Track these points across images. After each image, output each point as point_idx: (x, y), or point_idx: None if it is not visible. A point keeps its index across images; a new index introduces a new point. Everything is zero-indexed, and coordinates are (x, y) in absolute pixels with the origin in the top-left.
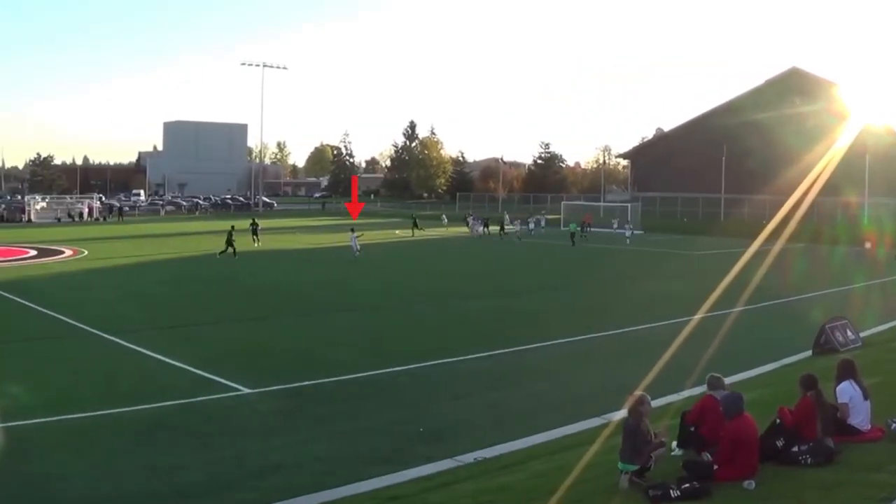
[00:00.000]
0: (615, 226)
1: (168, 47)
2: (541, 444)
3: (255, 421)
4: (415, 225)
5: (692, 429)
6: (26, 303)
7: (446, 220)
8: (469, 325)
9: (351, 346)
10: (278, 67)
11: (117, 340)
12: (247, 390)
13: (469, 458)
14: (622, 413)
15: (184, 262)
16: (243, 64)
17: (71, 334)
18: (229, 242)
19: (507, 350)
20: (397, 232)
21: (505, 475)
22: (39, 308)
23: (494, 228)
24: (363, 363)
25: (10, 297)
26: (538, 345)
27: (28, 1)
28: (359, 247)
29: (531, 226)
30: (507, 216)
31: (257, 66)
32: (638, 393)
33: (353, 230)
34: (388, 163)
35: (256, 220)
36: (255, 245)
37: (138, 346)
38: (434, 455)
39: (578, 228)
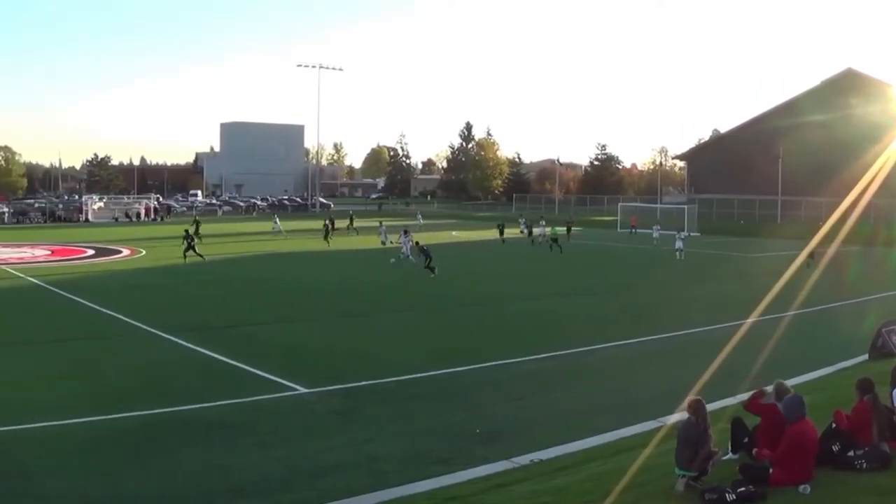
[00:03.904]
0: (656, 233)
1: (225, 49)
2: (597, 447)
3: (312, 421)
4: (501, 233)
5: (745, 440)
6: (84, 301)
7: (524, 222)
8: (526, 327)
9: (408, 347)
10: (334, 69)
11: (175, 339)
12: (304, 390)
13: (525, 459)
14: (678, 416)
15: (241, 262)
16: (299, 65)
17: (128, 333)
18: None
19: (563, 352)
20: (454, 233)
21: (561, 477)
22: (97, 307)
23: (538, 231)
24: (420, 364)
25: (68, 295)
26: (595, 347)
27: (87, 3)
28: (409, 251)
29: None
30: (543, 220)
31: (313, 67)
32: (696, 397)
33: (405, 232)
34: (445, 164)
35: (332, 220)
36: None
37: (196, 346)
38: (491, 456)
39: (565, 232)
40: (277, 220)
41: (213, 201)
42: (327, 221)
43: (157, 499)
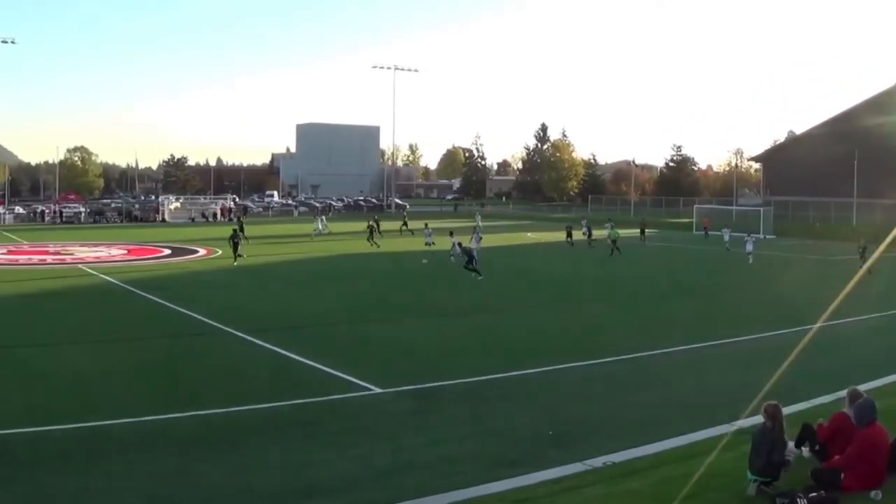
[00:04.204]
0: (726, 236)
1: (301, 51)
2: (669, 450)
3: (387, 420)
4: (569, 235)
5: (817, 447)
6: (160, 300)
7: (611, 226)
8: (599, 329)
9: (482, 348)
10: (409, 70)
11: (251, 339)
12: (378, 390)
13: (598, 461)
14: (751, 420)
15: (316, 262)
16: (375, 67)
17: (205, 332)
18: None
19: (637, 354)
20: (528, 234)
21: (632, 480)
22: (173, 306)
23: (601, 233)
24: (494, 365)
25: (145, 294)
26: (668, 349)
27: (164, 6)
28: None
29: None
30: (609, 223)
31: (388, 68)
32: (773, 402)
33: (451, 233)
34: (520, 165)
35: (377, 220)
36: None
37: (272, 345)
38: (563, 458)
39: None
40: (323, 219)
41: (289, 202)
42: (372, 222)
43: (232, 496)
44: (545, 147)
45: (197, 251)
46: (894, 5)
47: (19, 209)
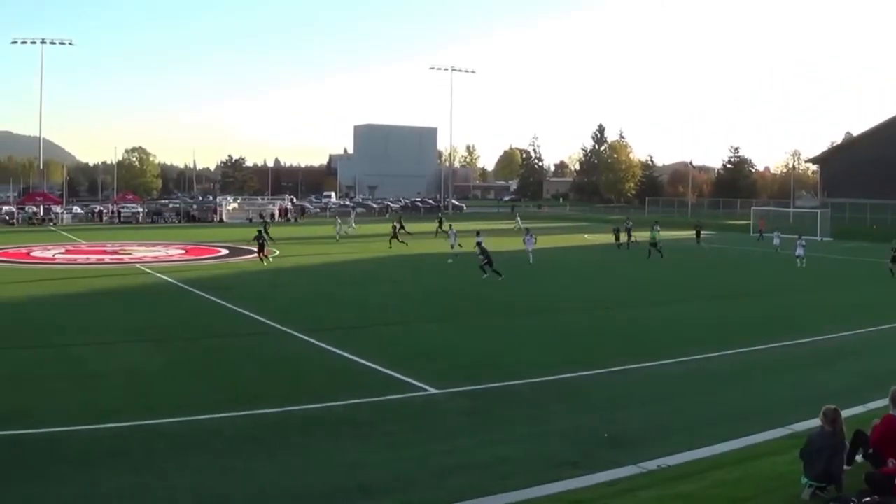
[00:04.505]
0: (776, 240)
1: (359, 53)
2: (724, 454)
3: (442, 421)
4: (617, 237)
5: (870, 451)
6: (217, 300)
7: (657, 228)
8: (657, 331)
9: (539, 349)
10: (467, 71)
11: (306, 338)
12: (434, 390)
13: (653, 464)
14: (805, 424)
15: (372, 263)
16: (432, 68)
17: (261, 331)
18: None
19: (694, 357)
20: (586, 236)
21: (687, 483)
22: (231, 305)
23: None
24: (551, 366)
25: (202, 294)
26: (725, 352)
27: (222, 10)
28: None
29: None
30: (657, 225)
31: (446, 70)
32: (832, 406)
33: (478, 233)
34: (577, 166)
35: (401, 221)
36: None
37: (327, 345)
38: (618, 460)
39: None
40: (340, 222)
41: (347, 203)
42: (396, 223)
43: (285, 495)
44: (602, 148)
45: (254, 251)
46: None
47: (77, 209)
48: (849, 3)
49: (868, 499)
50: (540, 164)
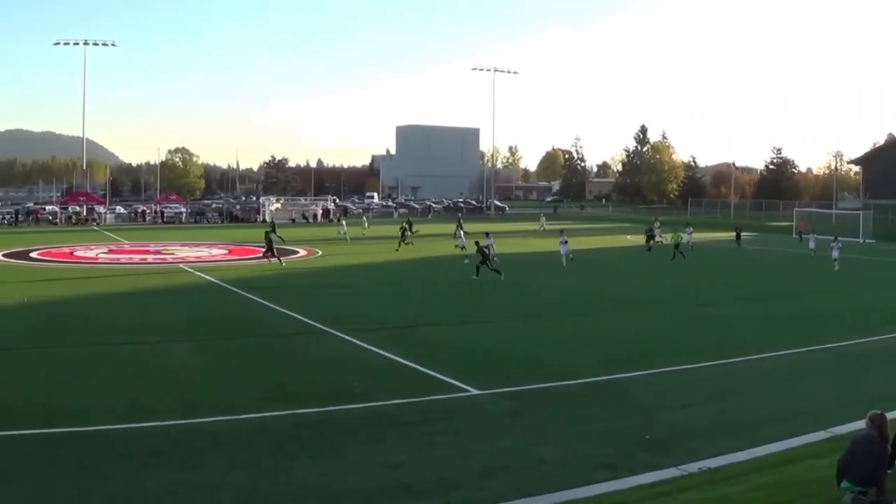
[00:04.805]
0: (812, 243)
1: (401, 54)
2: (765, 456)
3: (484, 422)
4: (648, 239)
5: None
6: (260, 300)
7: (690, 231)
8: (698, 333)
9: (580, 350)
10: (509, 72)
11: (348, 338)
12: (475, 391)
13: (693, 467)
14: (847, 427)
15: (414, 264)
16: (474, 69)
17: (304, 331)
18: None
19: (736, 359)
20: (628, 237)
21: (727, 486)
22: (273, 305)
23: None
24: (592, 367)
25: (245, 294)
26: (767, 354)
27: (267, 11)
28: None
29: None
30: (690, 227)
31: (488, 70)
32: (878, 411)
33: (487, 234)
34: (620, 167)
35: (410, 222)
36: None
37: (369, 345)
38: (658, 463)
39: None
40: (365, 222)
41: (389, 203)
42: (405, 224)
43: (327, 494)
44: (645, 149)
45: (297, 251)
46: None
47: (120, 209)
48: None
49: None
50: (582, 164)
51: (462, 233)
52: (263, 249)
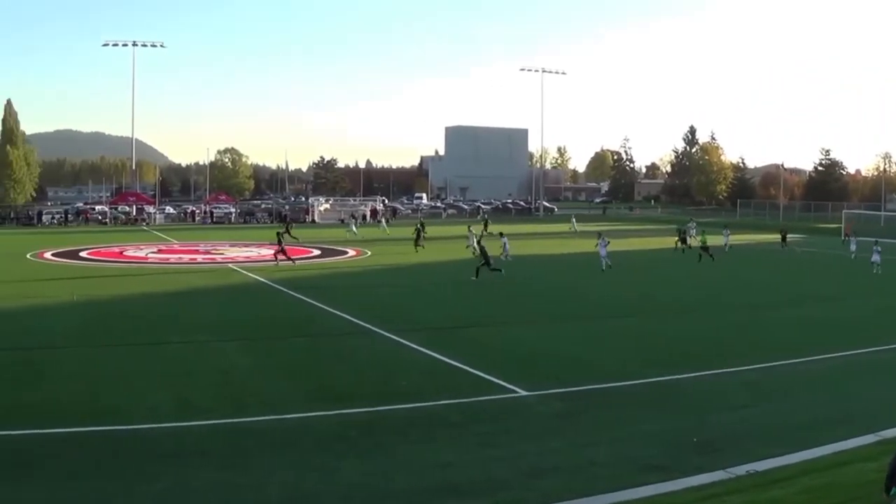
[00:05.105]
0: (853, 245)
1: (450, 56)
2: (814, 460)
3: (533, 423)
4: (682, 241)
5: None
6: (308, 300)
7: (728, 234)
8: (743, 334)
9: (630, 352)
10: (557, 73)
11: (397, 338)
12: (525, 392)
13: (741, 470)
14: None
15: (456, 265)
16: (522, 69)
17: (351, 331)
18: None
19: (786, 361)
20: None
21: (775, 489)
22: (322, 305)
23: (723, 239)
24: (640, 369)
25: (294, 293)
26: (815, 357)
27: (315, 12)
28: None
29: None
30: (727, 230)
31: (536, 71)
32: None
33: (501, 234)
34: (668, 168)
35: (423, 224)
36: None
37: (418, 345)
38: (707, 466)
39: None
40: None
41: (438, 204)
42: (419, 225)
43: (375, 494)
44: (694, 150)
45: (346, 252)
46: None
47: (170, 209)
48: None
49: None
50: (631, 165)
51: (473, 233)
52: (276, 250)
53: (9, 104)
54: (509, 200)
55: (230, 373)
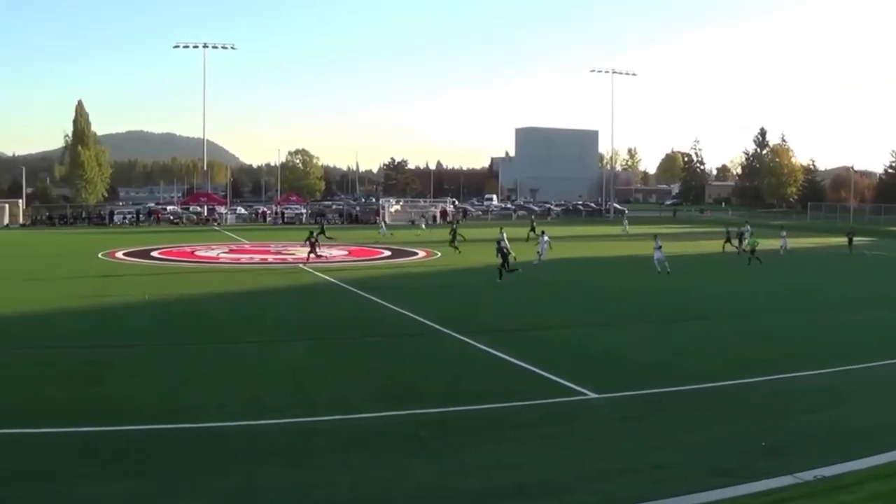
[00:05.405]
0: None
1: (520, 57)
2: (882, 465)
3: (600, 425)
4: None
5: None
6: (379, 300)
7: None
8: (819, 338)
9: (699, 355)
10: (627, 74)
11: (466, 340)
12: (593, 395)
13: (808, 475)
14: None
15: (524, 267)
16: (592, 71)
17: (421, 332)
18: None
19: (856, 366)
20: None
21: (842, 495)
22: (391, 306)
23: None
24: (711, 373)
25: (364, 294)
26: (882, 362)
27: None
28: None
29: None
30: (784, 232)
31: (606, 72)
32: None
33: (528, 238)
34: (739, 170)
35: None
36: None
37: (487, 347)
38: (774, 470)
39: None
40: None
41: (508, 205)
42: (455, 225)
43: (444, 494)
44: (764, 152)
45: (416, 253)
46: None
47: (241, 210)
48: None
49: None
50: (701, 167)
51: (503, 234)
52: (308, 251)
53: (80, 105)
54: (580, 202)
55: (300, 372)
